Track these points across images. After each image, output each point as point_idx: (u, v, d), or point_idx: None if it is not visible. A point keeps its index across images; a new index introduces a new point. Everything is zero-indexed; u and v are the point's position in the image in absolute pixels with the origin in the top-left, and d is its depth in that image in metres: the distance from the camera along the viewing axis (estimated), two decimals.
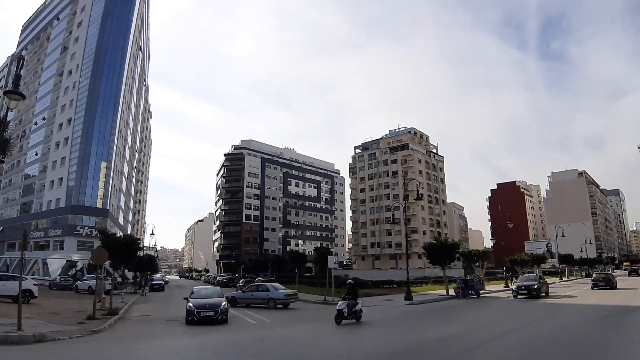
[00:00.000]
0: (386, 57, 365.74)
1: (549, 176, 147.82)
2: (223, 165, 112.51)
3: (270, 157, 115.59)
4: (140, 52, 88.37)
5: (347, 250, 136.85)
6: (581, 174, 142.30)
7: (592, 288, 35.88)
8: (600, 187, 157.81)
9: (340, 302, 17.45)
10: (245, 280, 47.06)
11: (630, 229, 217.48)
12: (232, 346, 12.64)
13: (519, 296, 28.42)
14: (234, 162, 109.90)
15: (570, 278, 62.24)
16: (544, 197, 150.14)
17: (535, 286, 28.30)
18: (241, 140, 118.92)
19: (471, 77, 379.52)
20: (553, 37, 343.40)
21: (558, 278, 59.53)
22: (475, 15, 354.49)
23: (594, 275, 41.64)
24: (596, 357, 9.76)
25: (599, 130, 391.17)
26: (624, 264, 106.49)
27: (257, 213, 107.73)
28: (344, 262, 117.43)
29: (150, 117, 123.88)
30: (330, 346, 12.37)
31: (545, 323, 16.47)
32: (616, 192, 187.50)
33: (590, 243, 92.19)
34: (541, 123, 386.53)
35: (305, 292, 36.59)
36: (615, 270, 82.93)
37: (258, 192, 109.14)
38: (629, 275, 60.45)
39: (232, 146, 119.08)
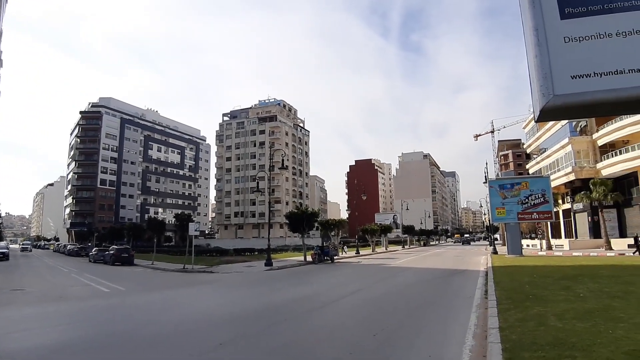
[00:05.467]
0: (260, 27, 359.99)
1: (399, 156, 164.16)
2: (78, 124, 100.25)
3: (131, 118, 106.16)
4: None
5: (210, 219, 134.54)
6: (426, 156, 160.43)
7: (462, 244, 73.38)
8: (441, 169, 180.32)
9: None
10: (99, 249, 43.50)
11: (462, 207, 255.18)
12: (82, 314, 11.84)
13: None
14: (90, 121, 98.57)
15: (411, 246, 70.80)
16: (394, 175, 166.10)
17: None
18: (99, 98, 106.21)
19: (339, 58, 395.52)
20: (412, 30, 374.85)
21: (401, 246, 67.31)
22: None
23: (463, 237, 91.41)
24: (430, 310, 11.39)
25: (443, 119, 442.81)
26: (455, 235, 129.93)
27: (114, 178, 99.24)
28: (207, 232, 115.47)
29: (1, 66, 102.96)
30: (187, 310, 12.33)
31: (388, 283, 18.70)
32: (453, 174, 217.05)
33: (429, 217, 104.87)
34: (396, 108, 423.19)
35: (164, 261, 35.47)
36: (447, 240, 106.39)
37: (115, 155, 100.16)
38: (454, 243, 72.43)
39: (90, 103, 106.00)
